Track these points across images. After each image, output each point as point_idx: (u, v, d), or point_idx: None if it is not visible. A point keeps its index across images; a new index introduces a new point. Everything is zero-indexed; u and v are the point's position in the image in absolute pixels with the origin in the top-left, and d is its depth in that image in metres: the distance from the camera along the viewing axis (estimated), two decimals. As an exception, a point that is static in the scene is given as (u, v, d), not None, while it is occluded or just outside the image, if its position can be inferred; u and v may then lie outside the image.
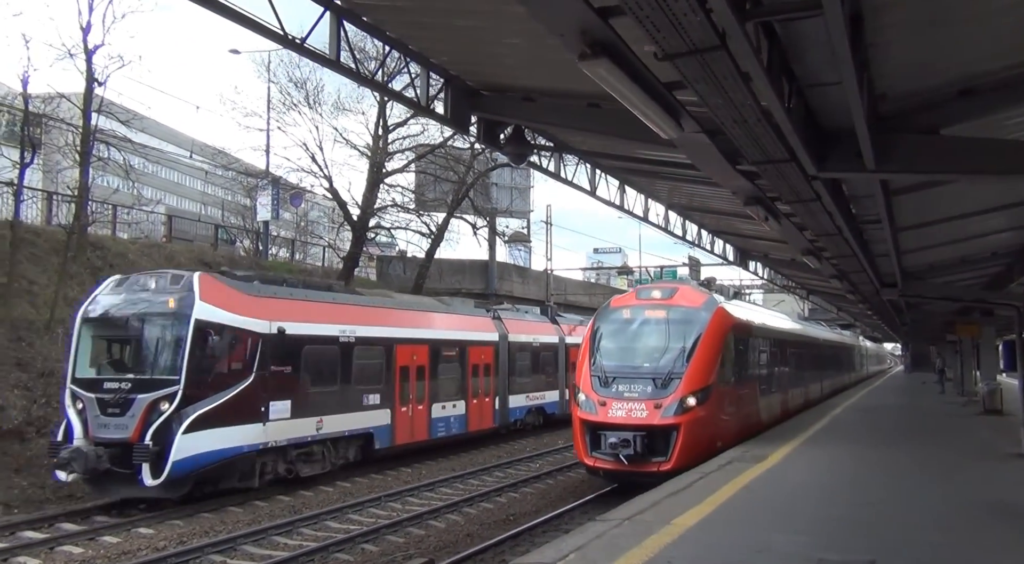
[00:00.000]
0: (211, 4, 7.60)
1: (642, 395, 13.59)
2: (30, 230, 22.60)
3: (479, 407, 22.67)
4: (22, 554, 11.08)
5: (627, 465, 13.18)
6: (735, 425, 15.38)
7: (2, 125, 26.84)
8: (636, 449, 13.03)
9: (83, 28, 23.52)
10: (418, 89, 10.47)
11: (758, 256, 26.45)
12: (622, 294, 18.83)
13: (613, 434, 13.22)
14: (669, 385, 13.61)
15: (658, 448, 13.25)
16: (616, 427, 13.38)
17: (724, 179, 11.03)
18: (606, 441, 13.32)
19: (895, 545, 7.55)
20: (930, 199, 12.07)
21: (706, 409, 13.67)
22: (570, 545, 7.35)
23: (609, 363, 14.42)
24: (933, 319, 33.68)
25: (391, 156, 32.76)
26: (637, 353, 14.62)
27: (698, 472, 11.53)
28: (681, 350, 14.07)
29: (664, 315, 14.78)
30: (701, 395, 13.57)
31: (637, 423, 13.28)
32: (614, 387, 13.90)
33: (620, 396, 13.69)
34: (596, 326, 15.42)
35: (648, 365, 14.20)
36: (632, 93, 6.94)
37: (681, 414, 13.29)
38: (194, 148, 37.15)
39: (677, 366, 13.84)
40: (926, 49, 7.23)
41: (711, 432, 13.99)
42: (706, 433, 13.76)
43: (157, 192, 47.76)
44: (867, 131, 7.64)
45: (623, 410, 13.53)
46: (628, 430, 13.19)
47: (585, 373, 14.53)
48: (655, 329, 14.73)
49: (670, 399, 13.41)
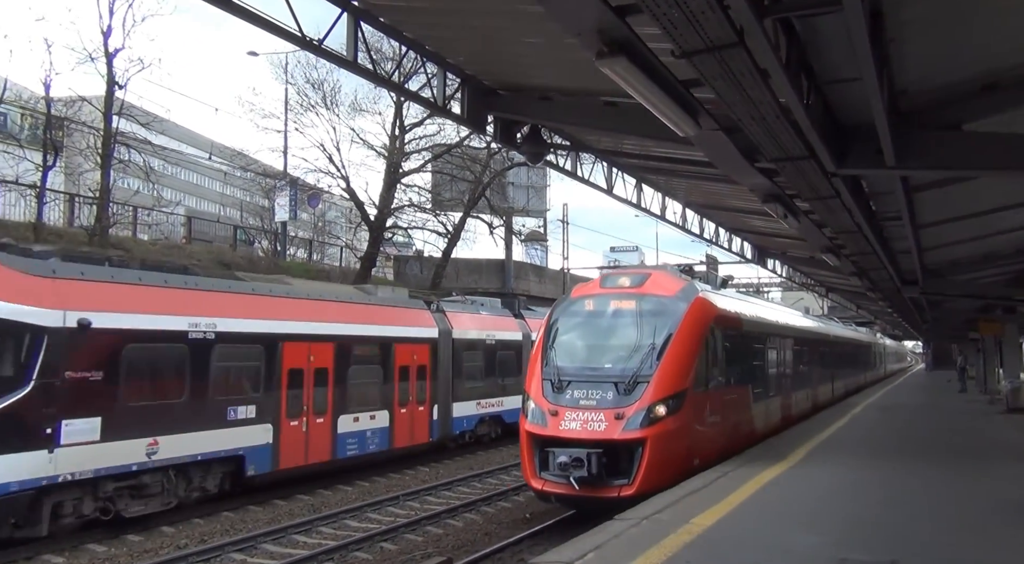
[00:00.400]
0: (230, 6, 7.67)
1: (601, 403, 11.26)
2: (53, 231, 22.88)
3: (409, 418, 18.60)
4: (46, 552, 11.22)
5: (578, 490, 10.78)
6: (719, 437, 12.92)
7: (25, 128, 27.19)
8: (591, 470, 10.69)
9: (104, 32, 23.88)
10: (435, 89, 10.50)
11: (776, 254, 26.27)
12: (586, 282, 15.96)
13: (564, 451, 10.92)
14: (634, 390, 11.27)
15: (619, 468, 10.96)
16: (569, 442, 11.07)
17: (742, 176, 10.98)
18: (555, 460, 10.95)
19: (918, 545, 7.48)
20: (952, 195, 11.95)
21: (679, 419, 11.37)
22: (588, 544, 7.34)
23: (564, 364, 12.04)
24: (955, 317, 33.32)
25: (408, 156, 32.91)
26: (598, 352, 12.27)
27: (717, 471, 11.44)
28: (650, 348, 11.70)
29: (632, 306, 12.37)
30: (673, 402, 11.29)
31: (594, 437, 10.98)
32: (568, 393, 11.54)
33: (575, 404, 11.35)
34: (552, 320, 13.01)
35: (610, 366, 11.86)
36: (649, 91, 6.93)
37: (648, 426, 10.96)
38: (213, 150, 37.49)
39: (645, 367, 11.49)
40: (947, 44, 7.15)
41: (685, 447, 11.60)
42: (679, 448, 11.41)
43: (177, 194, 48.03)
44: (887, 127, 7.58)
45: (577, 421, 11.17)
46: (583, 446, 10.92)
47: (536, 376, 12.11)
48: (621, 323, 12.35)
49: (634, 408, 11.08)
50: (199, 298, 13.68)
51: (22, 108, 26.39)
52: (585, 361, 12.16)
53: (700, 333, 12.31)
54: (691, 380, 11.77)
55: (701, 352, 12.21)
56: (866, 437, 16.65)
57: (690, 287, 12.97)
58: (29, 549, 11.14)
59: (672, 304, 12.31)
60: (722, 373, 13.18)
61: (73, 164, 30.76)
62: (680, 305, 12.28)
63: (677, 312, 12.12)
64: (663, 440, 11.03)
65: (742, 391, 14.48)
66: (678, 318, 12.01)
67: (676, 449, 11.31)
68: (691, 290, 12.84)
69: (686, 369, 11.77)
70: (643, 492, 10.39)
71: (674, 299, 12.44)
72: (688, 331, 12.00)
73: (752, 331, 15.52)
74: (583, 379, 11.68)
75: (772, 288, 52.46)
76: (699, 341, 12.22)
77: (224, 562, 11.04)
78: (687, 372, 11.76)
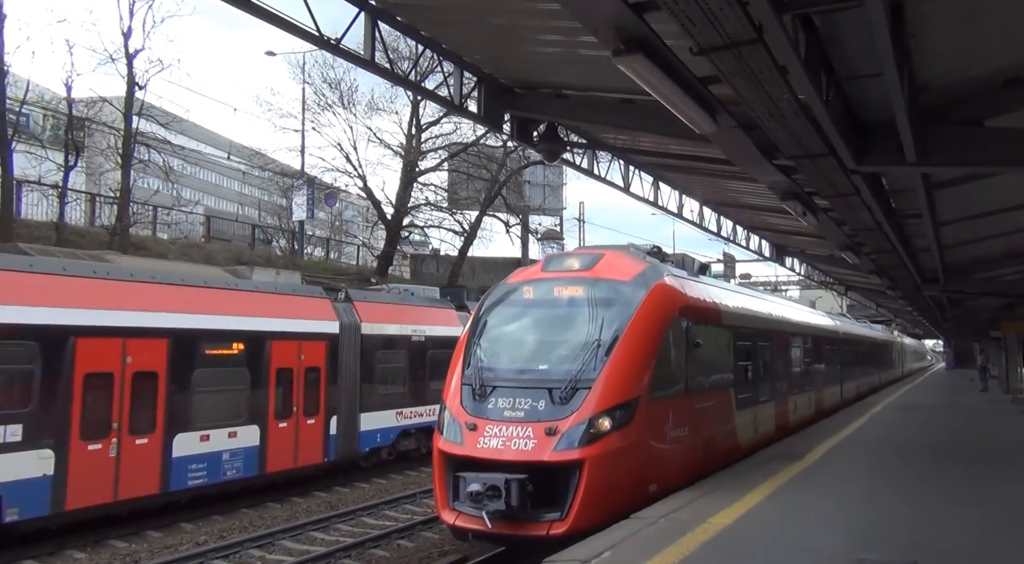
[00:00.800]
0: (250, 7, 7.73)
1: (530, 415, 9.05)
2: (74, 231, 23.17)
3: (290, 434, 14.81)
4: (69, 547, 11.37)
5: (491, 527, 8.64)
6: (686, 455, 10.48)
7: (47, 129, 27.55)
8: (510, 501, 8.43)
9: (124, 33, 24.18)
10: (451, 88, 10.52)
11: (795, 252, 26.09)
12: (528, 266, 13.32)
13: (477, 477, 8.65)
14: (572, 399, 9.04)
15: (550, 498, 8.72)
16: (488, 464, 8.82)
17: (760, 174, 10.91)
18: (465, 487, 8.74)
19: (938, 546, 7.40)
20: (974, 192, 11.81)
21: (629, 435, 9.09)
22: (604, 543, 7.32)
23: (490, 366, 9.83)
24: (976, 315, 32.95)
25: (424, 155, 33.03)
26: (532, 350, 10.06)
27: (733, 470, 11.36)
28: (595, 345, 9.44)
29: (579, 293, 10.12)
30: (621, 413, 9.05)
31: (517, 459, 8.74)
32: (492, 402, 9.35)
33: (498, 416, 9.17)
34: (480, 312, 10.77)
35: (546, 368, 9.63)
36: (667, 88, 6.91)
37: (587, 444, 8.74)
38: (231, 149, 37.85)
39: (587, 370, 9.23)
40: (969, 38, 7.07)
41: (637, 470, 9.28)
42: (628, 472, 9.13)
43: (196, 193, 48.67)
44: (908, 123, 7.50)
45: (499, 438, 8.95)
46: (505, 469, 8.69)
47: (455, 382, 9.92)
48: (563, 314, 10.16)
49: (571, 421, 8.86)
50: None
51: (44, 109, 26.76)
52: (516, 362, 9.92)
53: (661, 326, 10.00)
54: (646, 385, 9.45)
55: (662, 350, 9.94)
56: (885, 436, 16.50)
57: (652, 270, 10.61)
58: (52, 544, 11.29)
59: (627, 291, 10.02)
60: (693, 375, 10.75)
61: (94, 164, 31.20)
62: (636, 292, 9.98)
63: (632, 300, 9.85)
64: (606, 462, 8.81)
65: (722, 397, 12.12)
66: (633, 308, 9.75)
67: (624, 473, 9.06)
68: (652, 274, 10.48)
69: (640, 371, 9.47)
70: (579, 529, 8.35)
71: (630, 285, 10.11)
72: (645, 324, 9.73)
73: (738, 325, 13.13)
74: (511, 384, 9.46)
75: (791, 286, 52.09)
76: (659, 336, 9.92)
77: (243, 558, 11.13)
78: (641, 375, 9.45)
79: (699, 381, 11.05)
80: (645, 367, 9.58)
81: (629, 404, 9.20)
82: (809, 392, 18.82)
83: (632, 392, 9.28)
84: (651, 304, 9.96)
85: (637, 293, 9.98)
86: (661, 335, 10.00)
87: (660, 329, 10.01)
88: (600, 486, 8.75)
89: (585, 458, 8.72)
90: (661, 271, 10.82)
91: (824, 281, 35.44)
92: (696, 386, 10.88)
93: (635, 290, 10.04)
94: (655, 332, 9.92)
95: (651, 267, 10.77)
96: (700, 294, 11.81)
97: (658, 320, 10.02)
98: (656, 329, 9.95)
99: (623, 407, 9.13)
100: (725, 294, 13.47)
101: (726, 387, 12.30)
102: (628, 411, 9.16)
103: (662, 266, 11.23)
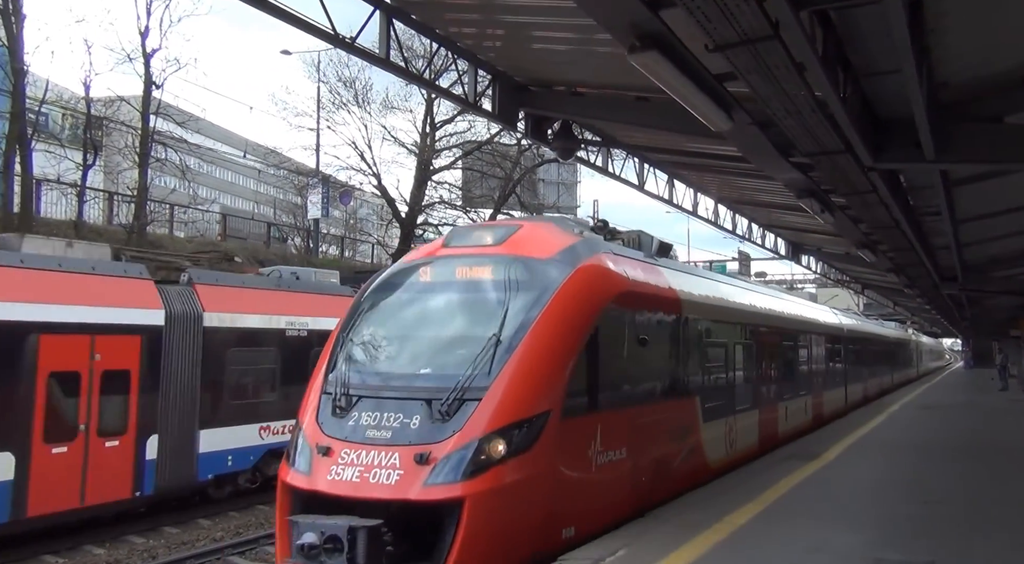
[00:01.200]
0: (266, 6, 7.78)
1: (398, 436, 6.79)
2: (93, 229, 23.38)
3: (73, 461, 10.89)
4: (87, 543, 11.49)
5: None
6: (621, 485, 8.03)
7: (66, 128, 27.85)
8: (356, 557, 6.21)
9: (141, 33, 24.38)
10: (466, 86, 10.54)
11: (811, 250, 25.96)
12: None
13: (313, 523, 6.39)
14: (457, 413, 6.78)
15: (421, 550, 6.53)
16: (341, 503, 6.64)
17: (776, 171, 10.86)
18: (297, 537, 6.35)
19: (956, 546, 7.34)
20: (993, 189, 11.70)
21: (532, 462, 6.80)
22: (619, 542, 7.31)
23: (359, 370, 7.54)
24: (995, 313, 32.64)
25: (438, 153, 33.07)
26: (415, 349, 7.75)
27: (746, 470, 11.26)
28: (494, 343, 7.12)
29: (485, 275, 7.79)
30: (522, 433, 6.78)
31: (375, 496, 6.54)
32: (354, 418, 7.07)
33: (360, 438, 6.90)
34: (361, 299, 8.44)
35: (429, 372, 7.34)
36: (682, 85, 6.88)
37: (470, 476, 6.50)
38: (247, 148, 38.08)
39: (479, 375, 6.95)
40: (989, 34, 7.00)
41: (542, 510, 6.95)
42: (528, 513, 6.83)
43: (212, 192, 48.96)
44: (927, 120, 7.45)
45: (356, 468, 6.70)
46: (361, 509, 6.52)
47: (314, 391, 7.63)
48: (462, 302, 7.89)
49: (451, 443, 6.61)
50: None
51: (63, 108, 27.05)
52: (391, 364, 7.66)
53: (586, 318, 7.65)
54: (561, 394, 7.11)
55: (587, 348, 7.56)
56: (903, 435, 16.37)
57: (583, 247, 8.22)
58: (71, 540, 11.42)
59: (545, 272, 7.66)
60: (636, 380, 8.54)
61: (112, 163, 31.49)
62: (557, 273, 7.63)
63: (550, 284, 7.52)
64: (496, 500, 6.54)
65: (681, 406, 9.73)
66: (549, 293, 7.43)
67: (522, 514, 6.75)
68: (582, 251, 8.10)
69: (551, 377, 7.14)
70: None
71: (549, 264, 7.74)
72: (562, 314, 7.39)
73: (707, 319, 10.82)
74: (381, 394, 7.15)
75: (807, 285, 51.73)
76: (582, 331, 7.55)
77: (259, 554, 11.20)
78: (552, 382, 7.12)
79: (645, 387, 8.78)
80: (559, 371, 7.21)
81: (534, 421, 6.85)
82: (805, 397, 16.57)
83: (539, 404, 6.94)
84: (574, 289, 7.59)
85: (557, 275, 7.61)
86: (585, 329, 7.59)
87: (585, 321, 7.62)
88: (486, 533, 6.46)
89: (466, 495, 6.41)
90: (596, 248, 8.42)
91: (840, 279, 35.22)
92: (640, 394, 8.62)
93: (555, 271, 7.66)
94: (577, 325, 7.53)
95: (582, 243, 8.37)
96: (652, 279, 9.31)
97: (582, 309, 7.65)
98: (578, 321, 7.56)
99: (525, 424, 6.79)
100: (691, 281, 10.79)
101: (688, 394, 9.94)
102: (532, 430, 6.82)
103: (600, 243, 8.82)
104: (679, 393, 9.72)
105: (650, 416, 8.74)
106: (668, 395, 9.40)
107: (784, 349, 15.13)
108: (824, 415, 18.45)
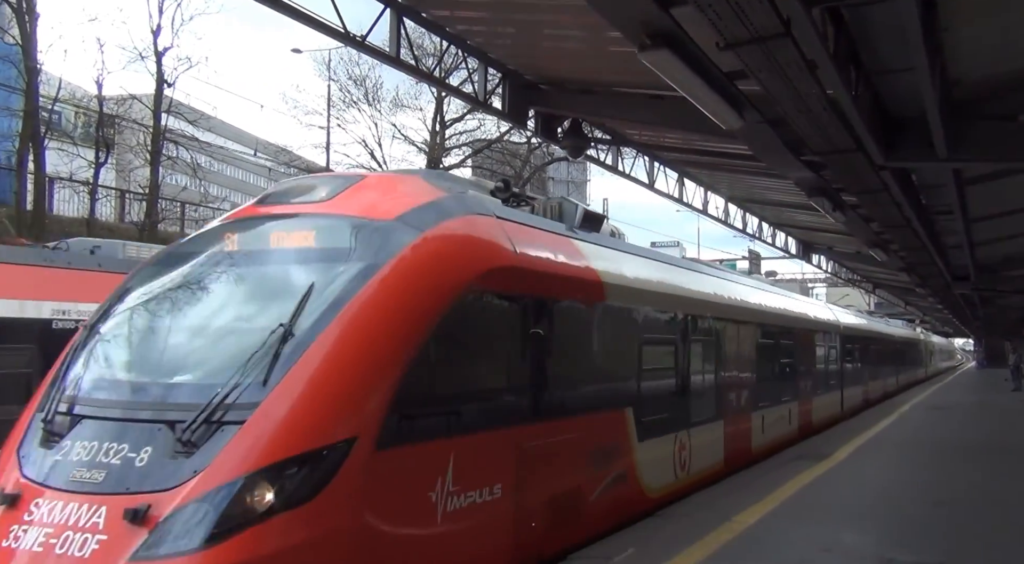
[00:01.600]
0: (279, 5, 7.82)
1: (113, 480, 4.44)
2: (105, 227, 23.53)
3: None
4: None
5: None
6: (494, 535, 5.80)
7: (79, 126, 28.05)
8: None
9: (153, 31, 24.54)
10: (476, 84, 10.56)
11: (822, 249, 25.86)
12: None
13: None
14: (207, 442, 4.47)
15: None
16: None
17: (787, 170, 10.83)
18: None
19: (967, 546, 7.31)
20: (1006, 188, 11.63)
21: (321, 516, 4.47)
22: (629, 541, 7.32)
23: (91, 376, 5.25)
24: (1008, 313, 32.43)
25: (448, 151, 33.12)
26: (168, 349, 5.41)
27: (754, 471, 11.23)
28: (276, 339, 4.82)
29: (304, 243, 5.62)
30: (303, 473, 4.47)
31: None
32: (64, 448, 4.74)
33: (62, 481, 4.58)
34: (133, 276, 6.16)
35: (178, 380, 5.06)
36: (693, 84, 6.87)
37: (211, 543, 4.14)
38: (258, 146, 38.20)
39: (247, 385, 4.64)
40: (1003, 32, 6.96)
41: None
42: None
43: (223, 190, 49.20)
44: (940, 118, 7.42)
45: (43, 529, 4.34)
46: None
47: (29, 409, 5.34)
48: (257, 282, 5.71)
49: (186, 492, 4.28)
50: None
51: (76, 107, 27.24)
52: (133, 370, 5.32)
53: (427, 301, 5.34)
54: (378, 413, 4.84)
55: (425, 345, 5.23)
56: (914, 436, 16.29)
57: (442, 205, 6.01)
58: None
59: (377, 237, 5.45)
60: (522, 389, 6.24)
61: (124, 161, 31.69)
62: (395, 239, 5.45)
63: (380, 254, 5.33)
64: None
65: (601, 422, 7.50)
66: (376, 268, 5.23)
67: None
68: (439, 211, 5.89)
69: (360, 386, 4.87)
70: None
71: (387, 227, 5.53)
72: (388, 296, 5.18)
73: (641, 309, 8.45)
74: (105, 413, 4.92)
75: (817, 284, 51.57)
76: (420, 319, 5.26)
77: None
78: (363, 394, 4.86)
79: (540, 398, 6.40)
80: (376, 378, 4.93)
81: (325, 453, 4.56)
82: (789, 403, 14.44)
83: (335, 428, 4.66)
84: (415, 261, 5.43)
85: (397, 241, 5.42)
86: (429, 317, 5.30)
87: (429, 306, 5.34)
88: None
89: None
90: (468, 208, 6.18)
91: (852, 278, 35.07)
92: (531, 407, 6.29)
93: (397, 236, 5.47)
94: (414, 311, 5.26)
95: (447, 199, 6.14)
96: (561, 255, 7.04)
97: (427, 289, 5.38)
98: (416, 305, 5.29)
99: (309, 459, 4.51)
100: (627, 262, 8.45)
101: (613, 405, 7.80)
102: (321, 467, 4.54)
103: (477, 202, 6.46)
104: (599, 404, 7.46)
105: (548, 437, 6.41)
106: (580, 408, 7.05)
107: (762, 349, 12.79)
108: (814, 423, 16.23)
